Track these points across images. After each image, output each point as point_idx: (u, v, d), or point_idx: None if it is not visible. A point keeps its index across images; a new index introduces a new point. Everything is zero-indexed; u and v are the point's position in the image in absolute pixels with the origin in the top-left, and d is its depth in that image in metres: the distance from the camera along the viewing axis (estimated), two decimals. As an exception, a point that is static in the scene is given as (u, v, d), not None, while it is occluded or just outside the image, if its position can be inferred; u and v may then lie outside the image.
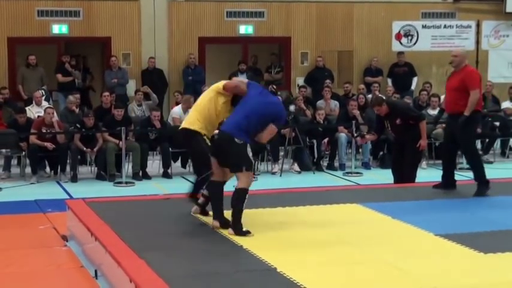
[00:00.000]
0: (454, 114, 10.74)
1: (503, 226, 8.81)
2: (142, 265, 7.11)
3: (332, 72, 19.68)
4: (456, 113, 10.63)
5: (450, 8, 20.88)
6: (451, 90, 10.78)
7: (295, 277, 6.81)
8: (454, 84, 10.71)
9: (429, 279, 6.92)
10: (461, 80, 10.60)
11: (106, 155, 13.95)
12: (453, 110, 10.75)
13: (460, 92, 10.60)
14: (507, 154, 16.32)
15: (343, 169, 14.94)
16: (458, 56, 10.79)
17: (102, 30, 18.84)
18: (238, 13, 19.64)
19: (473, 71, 10.93)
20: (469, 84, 10.55)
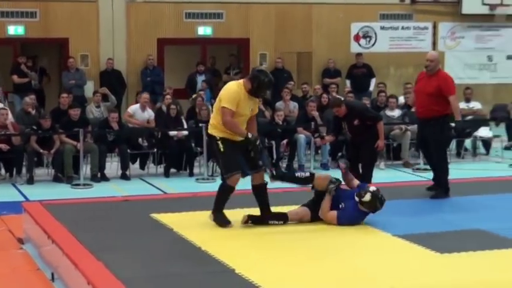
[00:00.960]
0: (426, 119, 10.73)
1: (460, 226, 8.88)
2: (100, 267, 7.06)
3: (291, 74, 19.72)
4: (429, 118, 10.64)
5: (407, 10, 21.06)
6: (425, 95, 10.72)
7: (253, 278, 6.81)
8: (428, 89, 10.66)
9: (386, 279, 6.96)
10: (437, 85, 10.60)
11: (63, 156, 13.83)
12: (426, 115, 10.72)
13: (434, 98, 10.59)
14: (462, 155, 16.47)
15: (302, 170, 14.96)
16: (434, 61, 10.80)
17: (59, 31, 18.69)
18: (197, 14, 19.61)
19: (448, 76, 10.97)
20: (446, 90, 10.60)
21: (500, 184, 12.08)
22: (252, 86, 8.75)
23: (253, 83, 8.74)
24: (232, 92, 8.72)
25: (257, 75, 8.78)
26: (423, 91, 10.77)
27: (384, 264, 7.46)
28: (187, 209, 9.78)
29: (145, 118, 15.49)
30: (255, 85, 8.74)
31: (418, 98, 11.01)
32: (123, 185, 13.55)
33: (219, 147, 8.85)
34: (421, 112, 10.90)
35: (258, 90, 8.84)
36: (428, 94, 10.66)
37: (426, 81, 10.78)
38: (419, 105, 10.97)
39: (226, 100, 8.67)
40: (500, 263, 7.54)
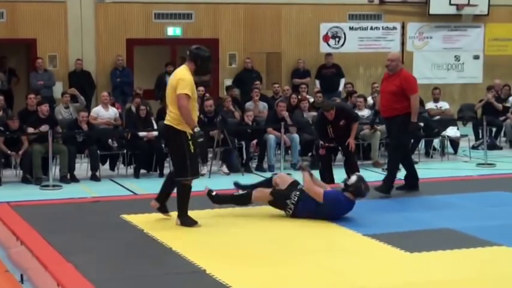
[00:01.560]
0: (389, 118, 10.87)
1: (429, 226, 8.96)
2: (70, 269, 7.04)
3: (260, 74, 19.74)
4: (392, 116, 10.75)
5: (376, 10, 21.15)
6: (388, 94, 10.83)
7: (225, 279, 6.82)
8: (391, 89, 10.75)
9: (356, 279, 7.01)
10: (399, 84, 10.67)
11: (32, 157, 13.74)
12: (389, 114, 10.85)
13: (397, 96, 10.68)
14: (431, 154, 16.58)
15: (272, 170, 14.97)
16: (394, 60, 10.87)
17: (27, 31, 18.56)
18: (166, 15, 19.57)
19: (410, 76, 11.08)
20: (408, 89, 10.68)
21: (468, 183, 12.20)
22: (196, 65, 8.81)
23: (196, 61, 8.80)
24: (188, 77, 8.73)
25: (197, 53, 8.85)
26: (386, 90, 10.87)
27: (354, 263, 7.50)
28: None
29: (111, 116, 15.44)
30: (199, 63, 8.81)
31: (382, 98, 11.12)
32: (93, 186, 13.49)
33: (189, 147, 8.74)
34: (384, 111, 10.99)
35: (203, 67, 8.92)
36: (390, 93, 10.74)
37: (389, 81, 10.87)
38: (382, 105, 11.02)
39: (183, 86, 8.63)
40: (468, 262, 7.62)
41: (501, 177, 12.98)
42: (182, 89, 8.60)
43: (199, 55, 8.82)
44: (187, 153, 8.73)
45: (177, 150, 8.90)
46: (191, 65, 8.82)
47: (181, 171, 8.84)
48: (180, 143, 8.73)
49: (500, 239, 8.23)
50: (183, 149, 8.73)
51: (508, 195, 10.85)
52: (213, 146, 14.76)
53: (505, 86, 19.01)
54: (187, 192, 8.90)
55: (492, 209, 9.90)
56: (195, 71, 8.84)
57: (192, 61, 8.81)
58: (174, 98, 8.72)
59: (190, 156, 8.73)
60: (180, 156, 8.83)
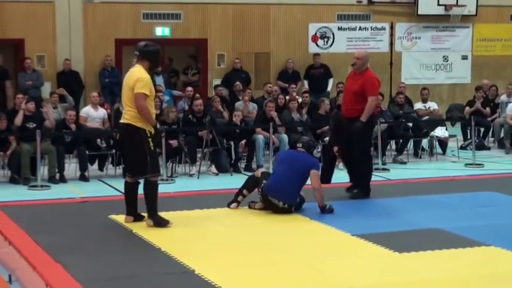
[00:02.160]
0: (351, 118, 10.63)
1: (417, 225, 8.98)
2: (59, 269, 7.03)
3: (249, 74, 19.74)
4: (353, 117, 10.57)
5: (365, 10, 21.18)
6: (351, 93, 10.69)
7: (213, 279, 6.82)
8: (353, 88, 10.63)
9: (345, 279, 7.02)
10: (362, 84, 10.55)
11: (20, 158, 13.69)
12: (350, 114, 10.64)
13: (358, 97, 10.55)
14: (420, 154, 16.61)
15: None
16: (361, 59, 10.74)
17: (15, 31, 18.49)
18: (154, 15, 19.54)
19: (373, 77, 10.86)
20: (368, 90, 10.53)
21: (456, 183, 12.23)
22: (151, 62, 8.94)
23: (150, 58, 8.91)
24: (145, 76, 8.81)
25: (147, 50, 8.95)
26: (349, 89, 10.72)
27: (342, 264, 7.52)
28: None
29: (100, 116, 15.42)
30: (153, 59, 8.94)
31: (344, 97, 11.00)
32: (82, 187, 13.46)
33: (149, 144, 8.77)
34: (346, 111, 10.77)
35: (156, 61, 9.09)
36: (353, 93, 10.62)
37: (353, 80, 10.73)
38: (345, 104, 10.86)
39: (141, 86, 8.72)
40: (457, 262, 7.64)
41: (489, 178, 13.02)
42: (140, 89, 8.71)
43: (150, 51, 8.94)
44: (147, 150, 8.75)
45: (136, 148, 8.84)
46: (145, 63, 8.92)
47: (141, 168, 8.80)
48: (140, 141, 8.76)
49: (489, 239, 8.25)
50: (143, 147, 8.75)
51: (496, 195, 10.89)
52: (201, 146, 14.76)
53: (492, 87, 19.07)
54: (154, 190, 8.85)
55: (480, 209, 9.93)
56: (150, 67, 8.97)
57: (145, 59, 8.92)
58: (131, 97, 8.80)
59: (150, 153, 8.77)
60: (140, 154, 8.79)
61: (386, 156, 15.89)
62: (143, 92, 8.71)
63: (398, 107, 16.77)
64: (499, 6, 22.14)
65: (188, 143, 14.79)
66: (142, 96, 8.71)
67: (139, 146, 8.78)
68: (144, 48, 8.95)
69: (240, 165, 15.26)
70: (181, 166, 15.04)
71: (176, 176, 14.46)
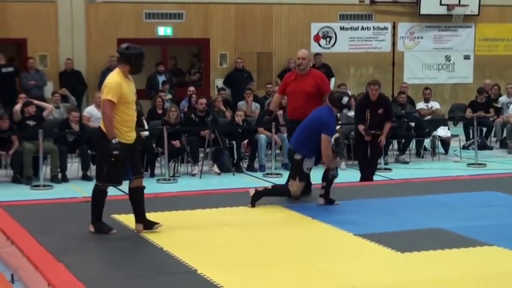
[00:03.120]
0: (300, 121, 10.16)
1: (420, 225, 8.97)
2: (61, 269, 7.02)
3: (251, 74, 19.75)
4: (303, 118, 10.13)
5: (367, 10, 21.18)
6: (302, 95, 10.33)
7: (216, 279, 6.82)
8: (306, 89, 10.32)
9: (347, 279, 7.01)
10: (316, 84, 10.33)
11: (22, 157, 13.71)
12: (301, 116, 10.20)
13: (311, 97, 10.32)
14: (422, 154, 16.61)
15: (263, 170, 15.00)
16: (306, 59, 10.46)
17: (17, 31, 18.51)
18: (157, 15, 19.56)
19: (322, 74, 10.82)
20: (324, 88, 10.41)
21: (458, 183, 12.21)
22: (131, 65, 8.32)
23: (130, 61, 8.30)
24: (113, 81, 8.27)
25: (128, 53, 8.33)
26: (300, 91, 10.35)
27: (345, 263, 7.51)
28: (149, 210, 9.72)
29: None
30: (133, 62, 8.32)
31: (293, 99, 10.52)
32: (84, 186, 13.46)
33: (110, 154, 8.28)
34: (298, 114, 10.35)
35: (137, 65, 8.36)
36: (306, 94, 10.33)
37: (301, 81, 10.39)
38: (296, 107, 10.46)
39: (107, 91, 8.21)
40: (459, 262, 7.63)
41: (492, 177, 13.01)
42: (105, 95, 8.23)
43: (131, 54, 8.31)
44: (107, 158, 8.26)
45: (98, 153, 8.67)
46: (124, 67, 8.33)
47: (99, 175, 8.58)
48: (103, 146, 8.30)
49: (491, 239, 8.24)
50: (104, 154, 8.32)
51: (498, 195, 10.87)
52: (204, 146, 14.76)
53: (494, 86, 19.06)
54: (103, 197, 8.54)
55: (483, 209, 9.91)
56: (130, 70, 8.36)
57: (125, 62, 8.32)
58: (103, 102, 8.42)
59: (110, 163, 8.26)
60: (99, 160, 8.57)
61: (389, 156, 15.88)
62: (107, 99, 8.16)
63: (401, 106, 16.77)
64: (502, 6, 22.15)
65: (190, 142, 14.81)
66: (105, 102, 8.19)
67: (101, 152, 8.46)
68: (125, 51, 8.36)
69: (242, 165, 15.28)
70: (184, 166, 15.05)
71: (178, 175, 14.48)
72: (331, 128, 9.85)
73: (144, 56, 8.48)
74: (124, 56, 8.36)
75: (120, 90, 8.22)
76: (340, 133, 15.45)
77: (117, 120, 8.28)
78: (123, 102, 8.29)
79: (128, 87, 8.36)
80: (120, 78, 8.31)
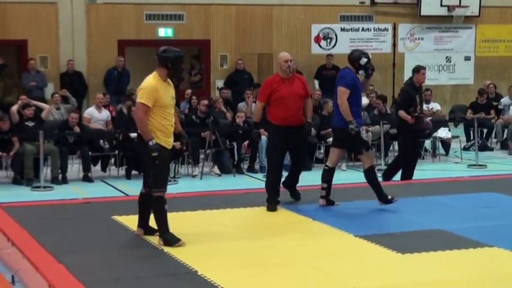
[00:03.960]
0: (296, 127, 9.86)
1: (420, 226, 8.97)
2: (62, 270, 7.02)
3: (252, 75, 19.75)
4: (300, 125, 9.89)
5: (368, 11, 21.18)
6: (295, 99, 9.80)
7: (216, 280, 6.82)
8: (298, 92, 9.85)
9: (348, 280, 7.01)
10: (303, 86, 9.95)
11: (23, 159, 13.71)
12: (297, 122, 9.87)
13: (302, 100, 9.96)
14: (422, 155, 16.61)
15: (263, 171, 14.95)
16: (293, 61, 9.99)
17: (18, 32, 18.52)
18: (157, 16, 19.56)
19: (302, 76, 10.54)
20: (308, 91, 10.12)
21: (459, 184, 12.21)
22: (168, 68, 8.16)
23: (167, 65, 8.15)
24: (148, 85, 8.14)
25: (166, 56, 8.19)
26: (293, 95, 9.77)
27: (345, 265, 7.51)
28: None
29: (103, 118, 15.45)
30: (170, 65, 8.15)
31: (286, 104, 9.74)
32: (85, 187, 13.48)
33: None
34: (291, 119, 9.80)
35: (175, 68, 8.21)
36: (299, 97, 9.86)
37: (290, 85, 9.81)
38: (291, 112, 9.77)
39: (141, 95, 8.10)
40: (460, 263, 7.63)
41: (492, 178, 13.01)
42: (139, 98, 8.08)
43: (168, 57, 8.17)
44: (151, 162, 8.10)
45: (144, 161, 8.34)
46: (162, 70, 8.18)
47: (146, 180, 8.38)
48: (146, 152, 8.12)
49: (492, 240, 8.24)
50: (148, 158, 8.12)
51: (499, 196, 10.87)
52: (204, 147, 14.76)
53: (490, 85, 19.01)
54: (161, 205, 8.22)
55: (483, 210, 9.91)
56: (169, 74, 8.22)
57: (162, 66, 8.17)
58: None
59: (155, 166, 8.11)
60: (147, 167, 8.29)
61: (389, 157, 15.88)
62: (141, 102, 8.04)
63: (401, 107, 16.75)
64: (502, 7, 22.14)
65: (191, 144, 14.80)
66: (139, 106, 8.09)
67: (146, 158, 8.19)
68: (162, 54, 8.21)
69: (243, 166, 15.27)
70: (184, 167, 15.06)
71: (179, 176, 14.48)
72: (347, 80, 9.70)
73: (182, 59, 8.31)
74: (161, 59, 8.20)
75: (155, 93, 8.06)
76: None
77: (154, 124, 8.13)
78: (159, 106, 8.11)
79: (164, 91, 8.17)
80: (156, 82, 8.15)
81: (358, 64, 9.76)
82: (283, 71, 9.87)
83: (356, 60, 9.77)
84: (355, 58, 9.79)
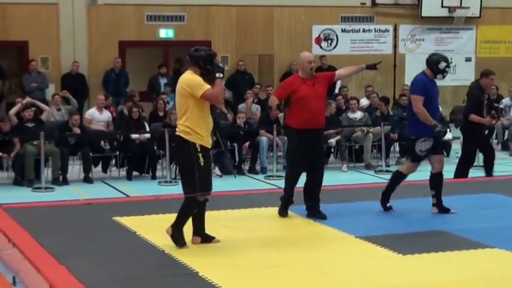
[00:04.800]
0: (319, 129, 9.65)
1: (422, 227, 8.97)
2: (63, 271, 7.02)
3: (253, 76, 19.76)
4: (321, 126, 9.68)
5: (369, 12, 21.19)
6: (320, 100, 9.52)
7: (218, 281, 6.82)
8: (321, 93, 9.57)
9: (349, 281, 7.01)
10: (325, 87, 9.66)
11: (24, 159, 13.72)
12: (320, 123, 9.57)
13: (324, 101, 9.85)
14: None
15: (264, 172, 15.01)
16: (313, 61, 9.68)
17: (19, 33, 18.53)
18: (158, 17, 19.57)
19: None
20: (331, 74, 9.91)
21: (460, 185, 12.20)
22: (201, 67, 8.05)
23: (199, 64, 8.05)
24: (197, 77, 8.01)
25: (197, 55, 8.08)
26: (314, 96, 9.42)
27: (346, 266, 7.51)
28: (150, 212, 9.76)
29: (104, 119, 15.46)
30: (202, 64, 8.05)
31: (309, 106, 9.35)
32: (86, 188, 13.48)
33: (198, 159, 8.05)
34: (315, 122, 9.46)
35: (207, 66, 8.08)
36: (322, 98, 9.62)
37: (313, 85, 9.47)
38: (313, 113, 9.39)
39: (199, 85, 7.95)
40: (461, 264, 7.63)
41: (493, 180, 13.00)
42: (201, 88, 7.93)
43: (200, 56, 8.04)
44: (195, 165, 7.99)
45: (182, 162, 8.23)
46: (196, 69, 8.05)
47: (190, 185, 8.11)
48: (187, 154, 8.01)
49: (493, 241, 8.24)
50: (190, 161, 8.01)
51: (500, 197, 10.87)
52: (205, 148, 14.75)
53: (492, 86, 18.98)
54: (191, 209, 8.19)
55: (484, 211, 9.91)
56: (201, 74, 8.04)
57: (195, 65, 8.04)
58: (183, 105, 8.09)
59: (199, 168, 8.03)
60: (188, 169, 8.09)
61: (390, 158, 15.88)
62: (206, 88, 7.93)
63: (402, 109, 16.77)
64: (503, 8, 22.16)
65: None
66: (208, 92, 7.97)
67: (187, 160, 8.05)
68: (193, 53, 8.08)
69: (244, 167, 15.28)
70: (185, 168, 15.04)
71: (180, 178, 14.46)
72: (418, 86, 9.48)
73: (214, 58, 8.20)
74: (193, 58, 8.09)
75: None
76: (342, 135, 15.45)
77: (196, 123, 8.08)
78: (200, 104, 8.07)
79: None
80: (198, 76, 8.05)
81: (436, 68, 9.51)
82: (306, 72, 9.52)
83: (434, 63, 9.52)
84: (434, 62, 9.53)
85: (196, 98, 7.99)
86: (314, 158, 9.56)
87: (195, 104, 8.04)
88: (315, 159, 9.58)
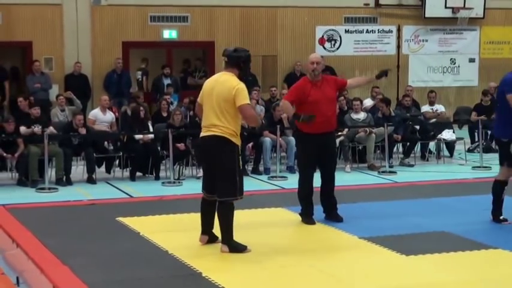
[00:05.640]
0: (329, 133, 9.55)
1: (425, 228, 8.98)
2: (66, 271, 7.04)
3: (256, 77, 19.74)
4: (332, 130, 9.67)
5: (372, 13, 21.17)
6: (329, 103, 9.44)
7: (220, 281, 6.83)
8: (331, 95, 9.48)
9: (352, 282, 7.02)
10: (335, 89, 9.60)
11: (28, 160, 13.72)
12: (331, 127, 9.57)
13: (335, 103, 9.83)
14: (427, 157, 16.59)
15: (268, 173, 14.98)
16: (320, 63, 9.48)
17: (23, 34, 18.54)
18: (162, 17, 19.57)
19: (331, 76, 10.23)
20: (343, 80, 9.85)
21: (463, 186, 12.22)
22: (240, 69, 7.97)
23: (239, 65, 7.96)
24: (243, 85, 7.92)
25: (237, 56, 7.97)
26: (324, 99, 9.35)
27: (349, 266, 7.51)
28: (154, 212, 9.78)
29: (108, 120, 15.47)
30: (242, 65, 7.97)
31: (319, 109, 9.22)
32: (89, 189, 13.48)
33: (239, 162, 7.97)
34: (327, 126, 9.41)
35: (246, 68, 8.06)
36: (331, 101, 9.55)
37: (322, 88, 9.40)
38: (324, 117, 9.29)
39: (245, 96, 7.82)
40: (464, 265, 7.64)
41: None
42: (244, 100, 7.81)
43: (240, 57, 7.95)
44: (237, 168, 7.93)
45: (223, 165, 7.96)
46: (234, 70, 7.95)
47: (230, 188, 8.01)
48: (232, 156, 7.90)
49: (496, 242, 8.25)
50: (233, 163, 7.91)
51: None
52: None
53: (495, 87, 18.98)
54: (232, 212, 8.09)
55: (488, 212, 9.89)
56: (239, 75, 7.95)
57: (235, 66, 7.93)
58: (226, 109, 7.85)
59: (239, 171, 8.01)
60: (230, 172, 7.95)
61: (393, 159, 15.87)
62: (248, 103, 7.85)
63: (405, 109, 16.76)
64: (507, 8, 22.13)
65: (195, 145, 14.81)
66: (248, 107, 7.89)
67: (227, 162, 7.92)
68: (233, 54, 7.97)
69: (247, 168, 15.27)
70: (188, 168, 15.06)
71: (183, 178, 14.47)
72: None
73: (251, 59, 8.16)
74: (232, 59, 7.99)
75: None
76: (345, 136, 15.43)
77: (238, 128, 7.99)
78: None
79: None
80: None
81: None
82: (309, 74, 9.51)
83: None
84: None
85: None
86: (327, 160, 9.54)
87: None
88: (328, 161, 9.56)
